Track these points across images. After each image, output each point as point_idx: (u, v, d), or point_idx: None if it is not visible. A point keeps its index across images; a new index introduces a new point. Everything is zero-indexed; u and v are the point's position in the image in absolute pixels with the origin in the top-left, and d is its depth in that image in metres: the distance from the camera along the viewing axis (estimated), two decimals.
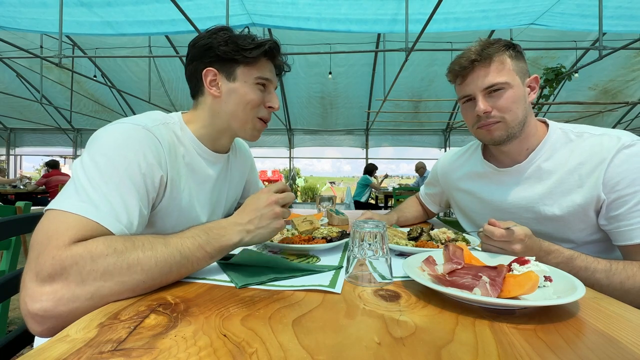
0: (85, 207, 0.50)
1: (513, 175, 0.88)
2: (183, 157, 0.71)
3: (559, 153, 0.82)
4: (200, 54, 0.73)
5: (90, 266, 0.45)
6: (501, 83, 0.79)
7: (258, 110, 0.77)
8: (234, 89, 0.74)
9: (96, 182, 0.53)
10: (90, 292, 0.44)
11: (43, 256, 0.44)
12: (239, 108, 0.74)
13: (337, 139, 8.16)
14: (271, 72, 0.78)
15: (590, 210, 0.77)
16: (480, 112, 0.81)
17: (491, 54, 0.79)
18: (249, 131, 0.78)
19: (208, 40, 0.72)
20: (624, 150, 0.73)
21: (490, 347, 0.36)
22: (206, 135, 0.77)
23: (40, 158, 10.72)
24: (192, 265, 0.54)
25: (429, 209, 1.26)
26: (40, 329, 0.44)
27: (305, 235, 0.81)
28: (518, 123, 0.81)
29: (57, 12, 2.76)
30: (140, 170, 0.58)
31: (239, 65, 0.73)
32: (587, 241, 0.80)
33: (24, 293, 0.44)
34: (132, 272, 0.47)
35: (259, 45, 0.72)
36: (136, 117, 0.66)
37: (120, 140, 0.58)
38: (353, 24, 3.86)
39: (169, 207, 0.68)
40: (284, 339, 0.36)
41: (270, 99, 0.78)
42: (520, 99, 0.80)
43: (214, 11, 3.60)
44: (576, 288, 0.47)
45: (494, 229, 0.66)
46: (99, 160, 0.55)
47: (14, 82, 6.69)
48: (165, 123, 0.70)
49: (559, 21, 3.75)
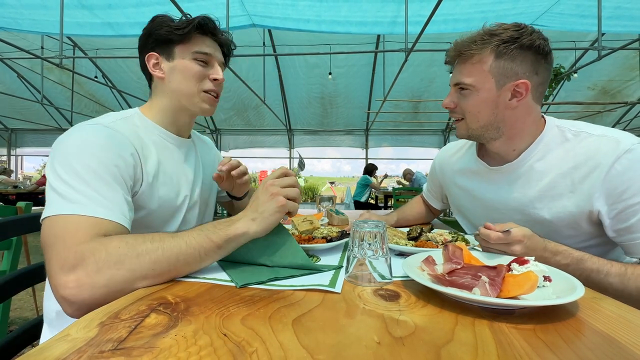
0: (76, 207, 0.55)
1: (504, 174, 0.85)
2: (148, 143, 0.75)
3: (553, 153, 0.78)
4: (143, 43, 0.80)
5: (105, 256, 0.50)
6: (466, 84, 0.77)
7: (202, 83, 0.80)
8: (174, 66, 0.78)
9: (76, 184, 0.57)
10: (105, 279, 0.49)
11: (64, 251, 0.50)
12: (182, 83, 0.78)
13: (337, 139, 8.17)
14: (210, 47, 0.80)
15: (582, 219, 0.74)
16: (443, 106, 0.82)
17: (473, 52, 0.75)
18: (199, 104, 0.81)
19: (147, 29, 0.79)
20: (625, 155, 0.68)
21: (490, 347, 0.36)
22: (165, 119, 0.81)
23: (40, 158, 10.73)
24: (199, 255, 0.55)
25: (432, 205, 1.23)
26: (70, 310, 0.50)
27: (305, 235, 0.81)
28: (480, 127, 0.79)
29: (58, 14, 2.77)
30: (112, 162, 0.62)
31: (176, 45, 0.78)
32: (577, 248, 0.77)
33: (54, 283, 0.50)
34: (141, 261, 0.51)
35: (189, 22, 0.76)
36: (92, 120, 0.70)
37: (86, 141, 0.63)
38: (353, 25, 3.86)
39: (151, 189, 0.72)
40: (284, 338, 0.36)
41: (214, 71, 0.81)
42: (487, 103, 0.77)
43: (214, 12, 3.53)
44: (575, 288, 0.47)
45: (489, 232, 0.64)
46: (71, 163, 0.59)
47: (15, 82, 6.70)
48: (122, 118, 0.75)
49: (558, 21, 3.76)
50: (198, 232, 0.56)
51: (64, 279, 0.49)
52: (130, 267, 0.50)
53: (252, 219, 0.59)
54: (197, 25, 0.77)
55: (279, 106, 7.17)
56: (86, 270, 0.49)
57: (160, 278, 0.52)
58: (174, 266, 0.53)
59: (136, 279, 0.51)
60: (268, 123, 7.80)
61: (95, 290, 0.49)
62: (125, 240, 0.53)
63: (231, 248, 0.59)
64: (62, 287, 0.49)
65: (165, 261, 0.52)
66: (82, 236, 0.52)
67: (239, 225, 0.58)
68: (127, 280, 0.50)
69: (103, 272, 0.49)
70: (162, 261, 0.52)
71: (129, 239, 0.53)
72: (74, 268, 0.49)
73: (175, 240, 0.54)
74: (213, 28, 0.81)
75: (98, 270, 0.49)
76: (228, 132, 8.18)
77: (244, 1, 3.56)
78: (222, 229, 0.57)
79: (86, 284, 0.49)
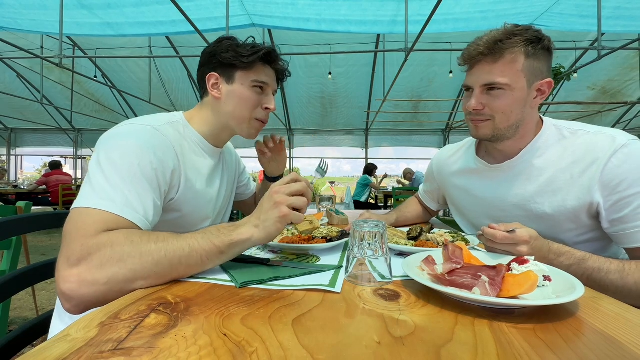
0: (104, 203, 0.56)
1: (504, 172, 0.87)
2: (189, 152, 0.79)
3: (551, 150, 0.80)
4: (206, 61, 0.83)
5: (110, 253, 0.50)
6: (501, 84, 0.75)
7: (255, 111, 0.84)
8: (233, 91, 0.81)
9: (113, 179, 0.58)
10: (107, 276, 0.50)
11: (74, 243, 0.51)
12: (236, 108, 0.82)
13: (337, 139, 8.16)
14: (268, 77, 0.84)
15: (582, 212, 0.76)
16: (470, 109, 0.79)
17: (503, 50, 0.74)
18: (246, 130, 0.85)
19: (212, 49, 0.82)
20: (621, 150, 0.71)
21: (490, 347, 0.36)
22: (208, 132, 0.85)
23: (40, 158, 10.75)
24: (201, 259, 0.55)
25: (429, 207, 1.25)
26: (68, 305, 0.50)
27: (305, 235, 0.81)
28: (508, 127, 0.78)
29: (58, 14, 2.76)
30: (152, 165, 0.64)
31: (238, 70, 0.81)
32: (577, 242, 0.79)
33: (57, 275, 0.50)
34: (143, 261, 0.51)
35: (255, 51, 0.79)
36: (143, 119, 0.73)
37: (132, 140, 0.64)
38: (353, 25, 3.86)
39: (187, 194, 0.75)
40: (284, 338, 0.36)
41: (268, 101, 0.85)
42: (519, 103, 0.76)
43: (214, 12, 3.60)
44: (575, 288, 0.47)
45: (495, 232, 0.64)
46: (113, 158, 0.61)
47: (14, 82, 6.70)
48: (169, 122, 0.77)
49: (558, 21, 3.76)
50: (202, 236, 0.56)
51: (67, 272, 0.49)
52: (133, 267, 0.50)
53: (255, 226, 0.58)
54: (262, 56, 0.80)
55: (279, 106, 7.17)
56: (89, 266, 0.49)
57: (161, 279, 0.53)
58: (175, 268, 0.53)
59: (137, 279, 0.51)
60: (268, 123, 7.78)
61: (95, 288, 0.49)
62: (131, 238, 0.53)
63: (234, 253, 0.58)
64: (63, 281, 0.49)
65: (167, 263, 0.52)
66: (94, 231, 0.52)
67: (242, 230, 0.57)
68: (127, 280, 0.50)
69: (106, 269, 0.50)
70: (164, 263, 0.52)
71: (135, 237, 0.53)
72: (78, 262, 0.50)
73: (179, 243, 0.54)
74: (275, 58, 0.84)
75: (101, 266, 0.50)
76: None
77: (243, 1, 3.56)
78: (226, 233, 0.57)
79: (87, 280, 0.49)
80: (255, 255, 0.71)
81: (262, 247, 0.79)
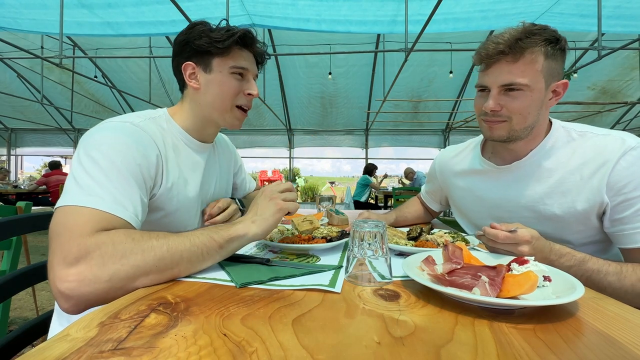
0: (93, 200, 0.55)
1: (512, 173, 0.86)
2: (172, 147, 0.76)
3: (561, 152, 0.80)
4: (180, 50, 0.78)
5: (111, 251, 0.50)
6: (521, 84, 0.73)
7: (237, 98, 0.80)
8: (211, 79, 0.77)
9: (98, 177, 0.57)
10: (109, 274, 0.49)
11: (69, 243, 0.50)
12: (217, 98, 0.78)
13: (337, 139, 8.16)
14: (247, 61, 0.79)
15: (592, 213, 0.76)
16: (488, 110, 0.77)
17: (524, 49, 0.72)
18: (229, 119, 0.81)
19: (185, 37, 0.76)
20: (630, 152, 0.71)
21: (490, 347, 0.36)
22: (191, 126, 0.81)
23: (40, 158, 10.74)
24: (202, 254, 0.56)
25: (430, 207, 1.24)
26: (66, 305, 0.49)
27: (305, 235, 0.81)
28: (524, 128, 0.77)
29: (58, 13, 2.77)
30: (135, 161, 0.63)
31: (214, 57, 0.76)
32: (584, 243, 0.79)
33: (53, 275, 0.49)
34: (145, 257, 0.51)
35: (230, 35, 0.75)
36: (123, 116, 0.71)
37: (114, 137, 0.63)
38: (353, 25, 3.86)
39: (170, 191, 0.73)
40: (284, 338, 0.36)
41: (249, 87, 0.80)
42: (536, 104, 0.75)
43: (214, 12, 3.60)
44: (575, 288, 0.47)
45: (497, 231, 0.64)
46: (96, 157, 0.59)
47: (14, 82, 6.70)
48: (151, 118, 0.75)
49: (558, 21, 3.75)
50: (201, 232, 0.58)
51: (65, 272, 0.48)
52: (135, 263, 0.50)
53: (252, 221, 0.62)
54: (238, 39, 0.76)
55: (279, 106, 7.17)
56: (90, 264, 0.49)
57: (162, 276, 0.53)
58: (177, 264, 0.54)
59: (139, 276, 0.51)
60: (268, 123, 7.80)
61: (96, 285, 0.49)
62: (132, 236, 0.53)
63: (232, 249, 0.61)
64: (60, 281, 0.48)
65: (169, 258, 0.53)
66: (89, 230, 0.52)
67: (239, 226, 0.61)
68: (130, 277, 0.50)
69: (108, 267, 0.49)
70: (166, 258, 0.52)
71: (135, 235, 0.53)
72: (76, 261, 0.49)
73: (180, 239, 0.55)
74: (252, 41, 0.80)
75: (103, 264, 0.49)
76: (228, 132, 8.17)
77: (243, 1, 3.56)
78: (224, 229, 0.60)
79: (87, 279, 0.48)
80: (255, 255, 0.71)
81: (262, 247, 0.79)
